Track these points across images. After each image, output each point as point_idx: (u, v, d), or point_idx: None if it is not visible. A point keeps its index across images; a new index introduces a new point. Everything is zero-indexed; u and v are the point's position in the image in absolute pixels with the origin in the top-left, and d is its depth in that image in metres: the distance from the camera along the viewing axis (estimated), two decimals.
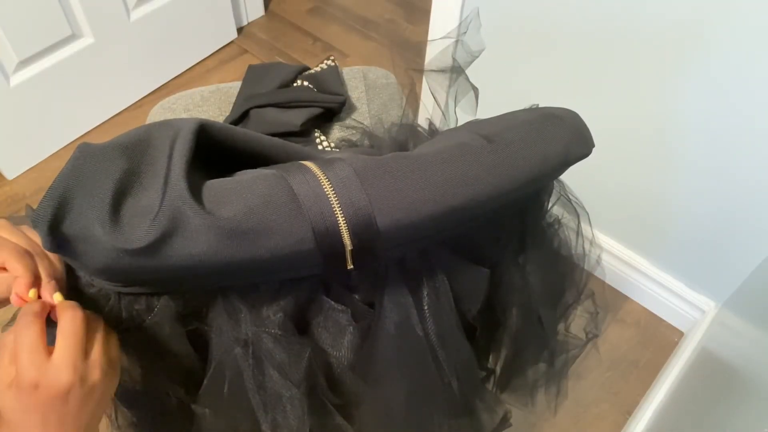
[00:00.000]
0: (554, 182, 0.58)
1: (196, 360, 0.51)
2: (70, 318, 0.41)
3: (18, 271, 0.42)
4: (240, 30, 1.92)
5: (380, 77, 0.96)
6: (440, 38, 0.65)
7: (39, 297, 0.42)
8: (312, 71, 0.91)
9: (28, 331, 0.40)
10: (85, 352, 0.41)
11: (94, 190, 0.38)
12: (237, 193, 0.40)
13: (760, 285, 0.99)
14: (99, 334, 0.43)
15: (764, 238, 1.00)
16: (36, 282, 0.42)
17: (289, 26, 1.97)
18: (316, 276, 0.49)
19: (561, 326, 0.67)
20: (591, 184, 0.83)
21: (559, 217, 0.62)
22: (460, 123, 0.61)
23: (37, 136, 1.49)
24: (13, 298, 0.42)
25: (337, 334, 0.53)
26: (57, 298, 0.42)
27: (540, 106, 0.54)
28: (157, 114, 0.89)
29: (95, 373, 0.41)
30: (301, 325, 0.52)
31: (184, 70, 1.77)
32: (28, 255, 0.42)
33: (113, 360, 0.44)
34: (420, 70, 0.67)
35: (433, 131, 0.67)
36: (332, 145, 0.82)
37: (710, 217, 1.05)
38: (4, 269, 0.43)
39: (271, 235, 0.39)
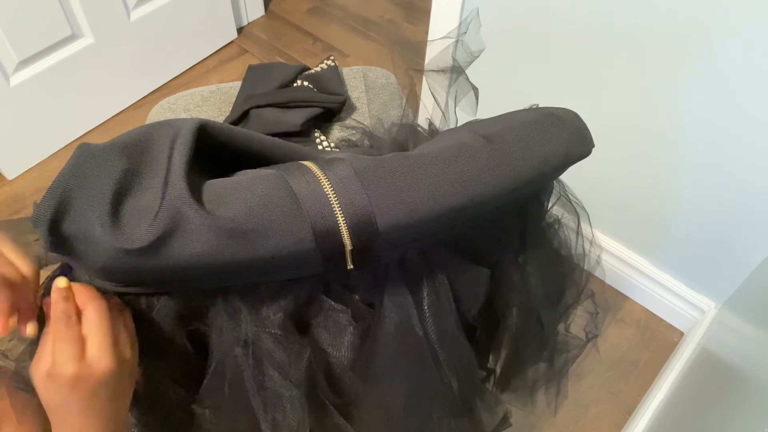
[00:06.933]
0: (554, 182, 0.58)
1: (196, 360, 0.51)
2: (95, 307, 0.42)
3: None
4: (240, 30, 1.92)
5: (380, 77, 0.96)
6: (440, 38, 0.65)
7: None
8: (312, 71, 0.91)
9: (64, 326, 0.41)
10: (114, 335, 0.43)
11: (94, 190, 0.38)
12: (237, 193, 0.40)
13: (760, 285, 0.99)
14: (118, 314, 0.44)
15: (764, 238, 1.00)
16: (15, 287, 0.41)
17: (289, 26, 1.97)
18: (316, 276, 0.49)
19: (561, 326, 0.67)
20: (591, 184, 0.83)
21: (559, 217, 0.62)
22: (460, 123, 0.61)
23: (37, 136, 1.49)
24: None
25: (337, 334, 0.53)
26: (62, 283, 0.42)
27: (540, 106, 0.54)
28: (157, 114, 0.89)
29: (126, 352, 0.44)
30: (301, 325, 0.52)
31: (184, 70, 1.77)
32: None
33: (133, 336, 0.46)
34: (420, 70, 0.67)
35: (433, 131, 0.67)
36: (332, 145, 0.82)
37: (710, 217, 1.05)
38: None
39: (270, 236, 0.39)
